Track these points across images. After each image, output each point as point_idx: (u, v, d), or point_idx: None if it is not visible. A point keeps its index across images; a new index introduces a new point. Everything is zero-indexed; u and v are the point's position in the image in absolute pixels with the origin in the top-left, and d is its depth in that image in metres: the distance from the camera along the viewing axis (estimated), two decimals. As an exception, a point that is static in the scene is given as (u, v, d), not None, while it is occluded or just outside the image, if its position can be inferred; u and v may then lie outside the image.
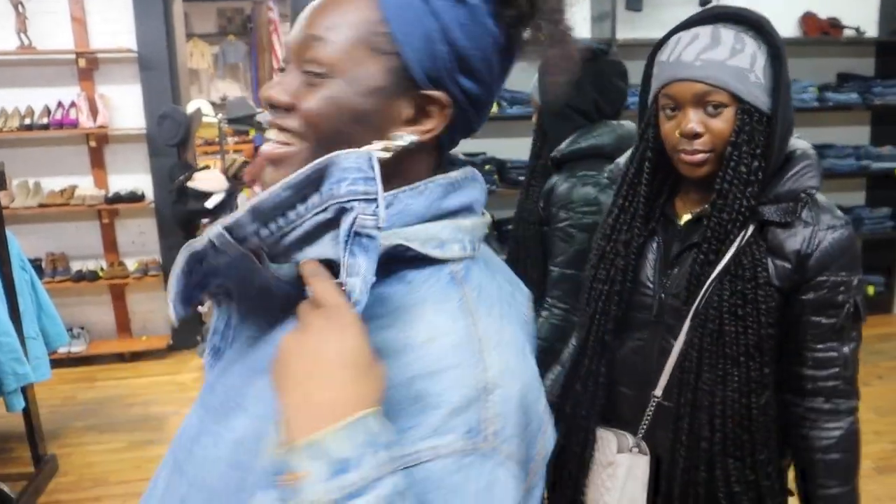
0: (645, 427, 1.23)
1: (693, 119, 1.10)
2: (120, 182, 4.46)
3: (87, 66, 4.28)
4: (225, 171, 4.42)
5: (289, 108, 0.62)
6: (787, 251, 1.11)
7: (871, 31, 4.51)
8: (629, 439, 1.25)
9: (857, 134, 4.70)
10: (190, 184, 4.11)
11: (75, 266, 4.48)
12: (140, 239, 4.61)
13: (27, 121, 4.19)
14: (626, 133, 1.80)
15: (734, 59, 1.07)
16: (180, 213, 4.17)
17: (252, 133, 4.71)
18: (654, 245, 1.23)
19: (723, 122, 1.10)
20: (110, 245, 4.57)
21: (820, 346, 1.13)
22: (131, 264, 4.57)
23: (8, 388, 2.67)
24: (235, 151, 5.63)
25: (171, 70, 4.43)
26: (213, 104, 5.32)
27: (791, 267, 1.11)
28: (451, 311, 0.61)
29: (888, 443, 3.18)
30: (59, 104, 4.26)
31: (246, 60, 8.34)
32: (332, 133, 0.62)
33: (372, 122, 0.62)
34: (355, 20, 0.60)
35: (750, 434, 1.13)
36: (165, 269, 4.55)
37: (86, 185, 4.40)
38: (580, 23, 4.13)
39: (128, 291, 4.66)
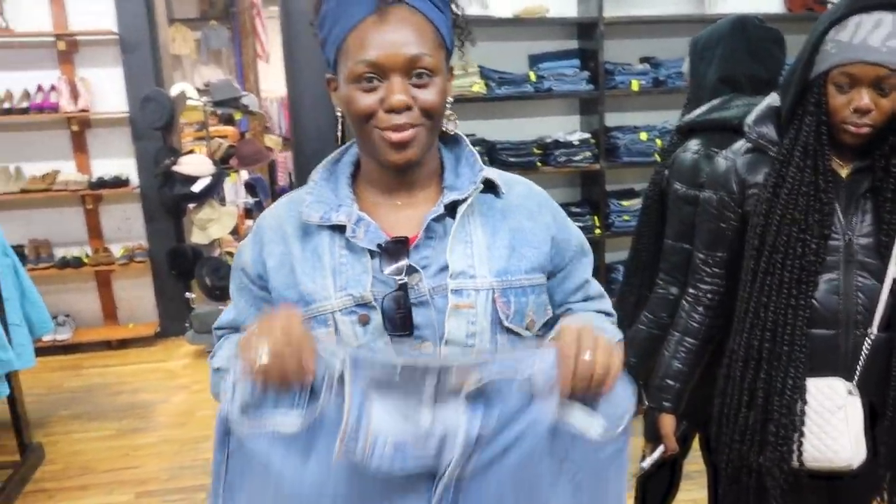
0: (860, 367, 1.35)
1: (866, 97, 1.26)
2: (103, 167, 4.40)
3: (67, 49, 4.20)
4: (211, 156, 4.37)
5: (409, 107, 0.89)
6: None
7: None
8: (844, 382, 1.35)
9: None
10: (176, 168, 4.07)
11: (59, 253, 4.42)
12: (125, 225, 4.55)
13: (6, 105, 4.11)
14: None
15: None
16: (167, 197, 4.13)
17: (238, 116, 4.65)
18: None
19: (890, 102, 1.27)
20: (95, 231, 4.50)
21: None
22: (117, 250, 4.51)
23: (-9, 375, 2.62)
24: (220, 136, 5.56)
25: (154, 52, 4.35)
26: (197, 90, 5.25)
27: None
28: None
29: None
30: (39, 87, 4.19)
31: (229, 46, 8.23)
32: (440, 113, 0.93)
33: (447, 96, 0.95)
34: (431, 34, 0.91)
35: None
36: (152, 255, 4.50)
37: (68, 170, 4.34)
38: (565, 2, 4.09)
39: (114, 278, 4.60)
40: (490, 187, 1.01)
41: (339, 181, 1.01)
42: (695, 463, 1.94)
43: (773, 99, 1.47)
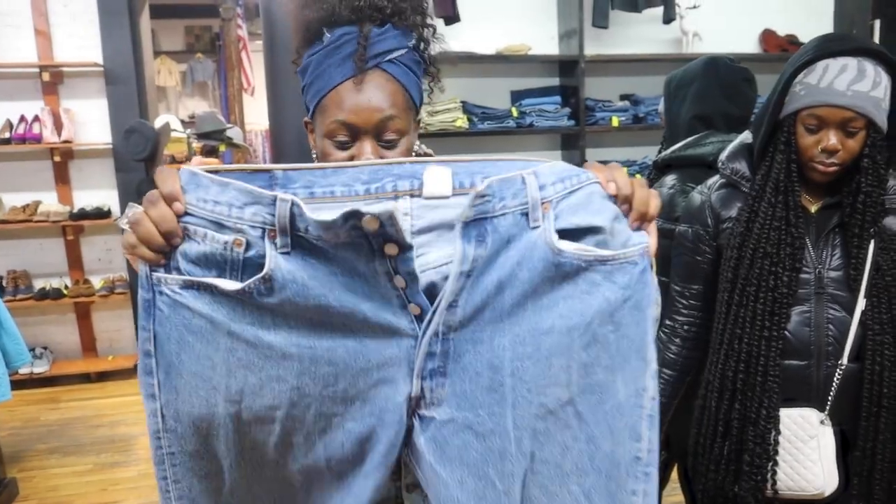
0: (832, 397, 1.39)
1: (833, 138, 1.32)
2: (85, 198, 4.38)
3: (52, 80, 4.21)
4: (194, 187, 4.37)
5: None
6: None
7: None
8: (817, 412, 1.39)
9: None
10: (158, 199, 4.06)
11: (38, 284, 4.38)
12: (106, 256, 4.52)
13: (-11, 135, 4.10)
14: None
15: (875, 91, 1.30)
16: (148, 228, 4.11)
17: (222, 148, 4.66)
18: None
19: (856, 142, 1.33)
20: (75, 262, 4.47)
21: None
22: (97, 282, 4.47)
23: (-33, 408, 2.58)
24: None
25: (139, 84, 4.37)
26: (182, 121, 5.26)
27: None
28: None
29: None
30: (22, 118, 4.18)
31: (214, 78, 8.29)
32: None
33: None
34: (401, 98, 0.95)
35: None
36: (132, 287, 4.47)
37: (50, 201, 4.31)
38: (547, 41, 4.18)
39: (93, 310, 4.56)
40: None
41: None
42: (675, 494, 1.95)
43: (745, 136, 1.52)
